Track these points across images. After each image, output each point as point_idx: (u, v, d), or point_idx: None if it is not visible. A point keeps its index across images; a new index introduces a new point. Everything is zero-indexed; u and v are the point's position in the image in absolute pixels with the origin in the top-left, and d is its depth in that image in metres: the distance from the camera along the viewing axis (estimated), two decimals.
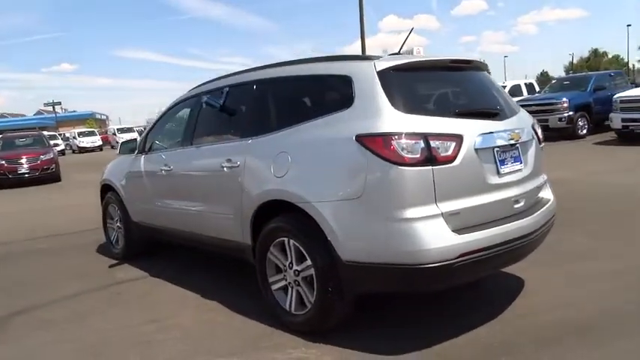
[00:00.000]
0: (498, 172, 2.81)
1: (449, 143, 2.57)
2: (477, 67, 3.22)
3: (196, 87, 4.30)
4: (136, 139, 4.67)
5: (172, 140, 4.36)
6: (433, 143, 2.53)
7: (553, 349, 2.65)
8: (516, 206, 2.91)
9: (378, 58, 2.90)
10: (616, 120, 11.62)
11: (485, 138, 2.74)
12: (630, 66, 50.11)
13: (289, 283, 3.05)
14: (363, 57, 3.00)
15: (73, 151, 36.60)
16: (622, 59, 54.22)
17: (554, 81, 18.44)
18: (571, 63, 65.30)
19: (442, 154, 2.54)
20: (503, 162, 2.85)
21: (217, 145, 3.62)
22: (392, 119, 2.59)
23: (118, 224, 5.09)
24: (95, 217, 7.56)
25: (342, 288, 2.76)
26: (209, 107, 3.76)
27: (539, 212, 3.01)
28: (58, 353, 3.12)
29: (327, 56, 3.17)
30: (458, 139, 2.60)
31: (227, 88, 3.69)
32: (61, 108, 61.01)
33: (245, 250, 3.40)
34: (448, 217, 2.55)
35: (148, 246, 5.04)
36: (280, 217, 3.07)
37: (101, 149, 35.96)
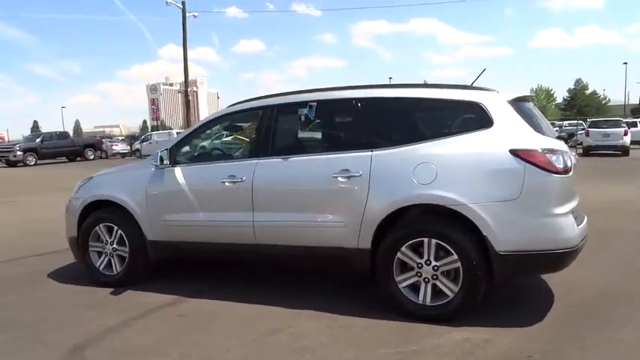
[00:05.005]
0: (574, 182, 3.78)
1: (568, 158, 3.43)
2: None
3: (248, 101, 4.33)
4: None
5: (229, 152, 4.25)
6: (564, 157, 3.36)
7: (620, 308, 3.65)
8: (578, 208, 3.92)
9: (492, 90, 3.64)
10: None
11: (572, 156, 3.69)
12: None
13: (424, 278, 3.45)
14: (483, 88, 3.68)
15: None
16: None
17: None
18: None
19: (568, 166, 3.38)
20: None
21: (322, 157, 3.78)
22: (537, 138, 3.35)
23: (115, 246, 4.53)
24: None
25: (492, 276, 3.33)
26: (295, 120, 3.91)
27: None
28: None
29: (448, 84, 3.76)
30: (570, 155, 3.48)
31: (314, 103, 3.90)
32: None
33: (356, 255, 3.64)
34: (571, 213, 3.39)
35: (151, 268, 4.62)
36: (417, 219, 3.49)
37: None
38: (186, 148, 4.43)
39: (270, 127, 4.04)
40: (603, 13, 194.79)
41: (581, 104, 63.02)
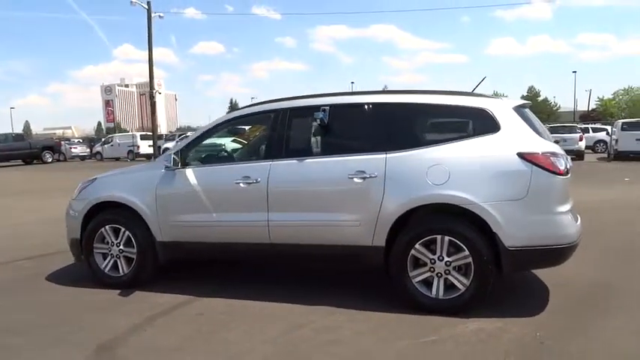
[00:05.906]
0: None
1: (567, 161, 3.73)
2: None
3: (260, 104, 4.45)
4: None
5: (240, 153, 4.35)
6: (564, 160, 3.65)
7: (614, 298, 3.97)
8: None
9: (497, 97, 3.90)
10: None
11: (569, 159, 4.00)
12: None
13: (437, 273, 3.67)
14: (488, 95, 3.94)
15: None
16: None
17: None
18: None
19: (568, 168, 3.68)
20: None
21: (337, 158, 3.93)
22: (541, 142, 3.63)
23: (122, 248, 4.54)
24: None
25: (500, 270, 3.58)
26: (308, 123, 4.05)
27: None
28: None
29: (456, 91, 4.01)
30: (567, 158, 3.79)
31: (328, 107, 4.03)
32: None
33: (370, 252, 3.82)
34: (570, 211, 3.69)
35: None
36: (431, 218, 3.71)
37: None
38: (197, 150, 4.49)
39: (284, 130, 4.17)
40: (552, 24, 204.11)
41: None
